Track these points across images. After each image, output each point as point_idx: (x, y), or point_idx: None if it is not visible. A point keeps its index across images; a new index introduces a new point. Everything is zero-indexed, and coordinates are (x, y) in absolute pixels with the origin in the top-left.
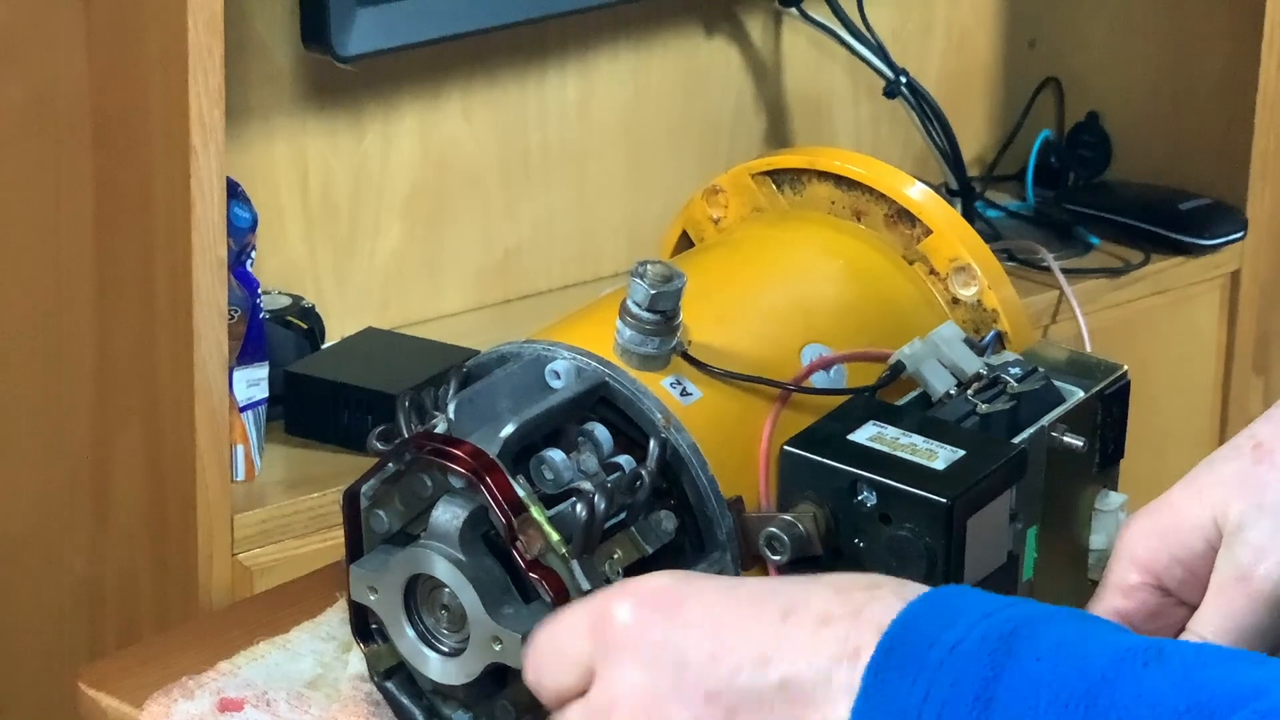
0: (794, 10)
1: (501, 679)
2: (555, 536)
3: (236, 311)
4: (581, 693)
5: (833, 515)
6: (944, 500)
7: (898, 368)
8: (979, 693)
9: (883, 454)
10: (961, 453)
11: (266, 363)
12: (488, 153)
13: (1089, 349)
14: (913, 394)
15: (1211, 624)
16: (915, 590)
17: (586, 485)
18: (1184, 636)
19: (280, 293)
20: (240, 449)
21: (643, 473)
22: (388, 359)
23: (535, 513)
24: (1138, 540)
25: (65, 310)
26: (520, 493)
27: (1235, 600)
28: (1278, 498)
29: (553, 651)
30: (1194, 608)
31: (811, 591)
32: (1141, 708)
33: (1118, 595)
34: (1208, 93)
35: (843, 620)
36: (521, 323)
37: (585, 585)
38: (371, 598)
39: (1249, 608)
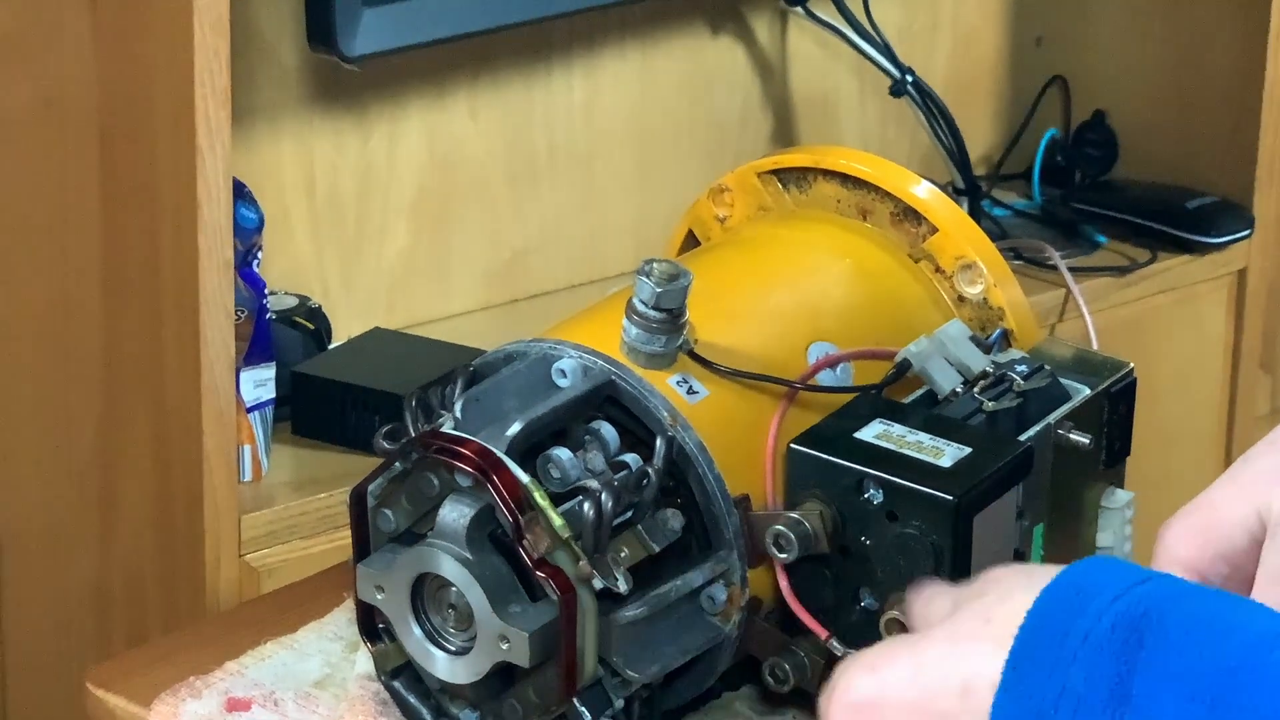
0: (800, 10)
1: (509, 677)
2: (559, 521)
3: (243, 312)
4: None
5: (839, 513)
6: (950, 498)
7: (904, 365)
8: (1114, 688)
9: (889, 452)
10: (968, 450)
11: (273, 363)
12: (494, 153)
13: (1096, 347)
14: (919, 392)
15: None
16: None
17: (593, 484)
18: None
19: (287, 293)
20: (247, 450)
21: (649, 471)
22: (395, 359)
23: (538, 497)
24: (1180, 540)
25: (72, 311)
26: (523, 479)
27: None
28: None
29: None
30: None
31: (982, 656)
32: (1274, 695)
33: None
34: (1215, 91)
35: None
36: (528, 323)
37: (587, 570)
38: (378, 597)
39: None
